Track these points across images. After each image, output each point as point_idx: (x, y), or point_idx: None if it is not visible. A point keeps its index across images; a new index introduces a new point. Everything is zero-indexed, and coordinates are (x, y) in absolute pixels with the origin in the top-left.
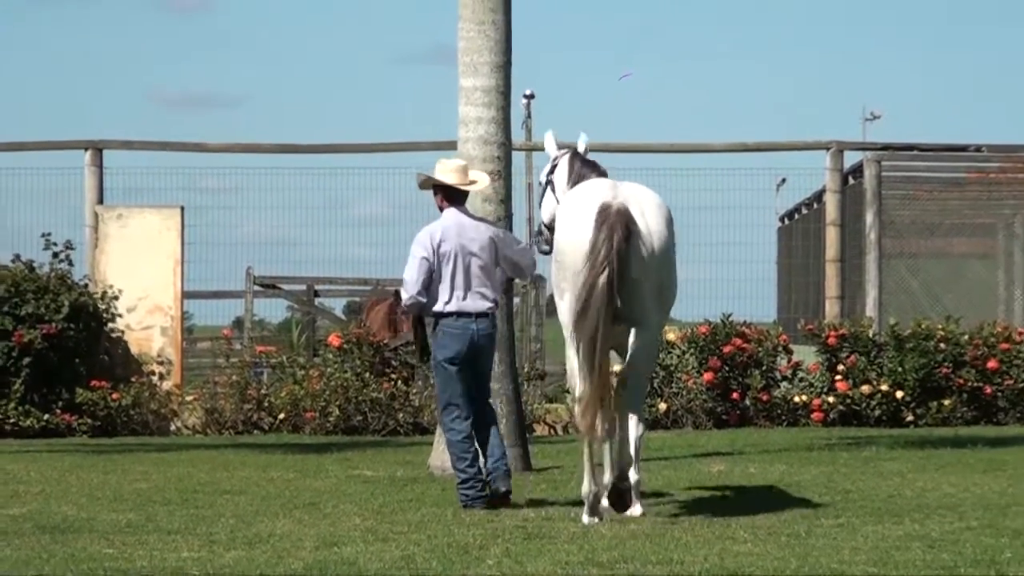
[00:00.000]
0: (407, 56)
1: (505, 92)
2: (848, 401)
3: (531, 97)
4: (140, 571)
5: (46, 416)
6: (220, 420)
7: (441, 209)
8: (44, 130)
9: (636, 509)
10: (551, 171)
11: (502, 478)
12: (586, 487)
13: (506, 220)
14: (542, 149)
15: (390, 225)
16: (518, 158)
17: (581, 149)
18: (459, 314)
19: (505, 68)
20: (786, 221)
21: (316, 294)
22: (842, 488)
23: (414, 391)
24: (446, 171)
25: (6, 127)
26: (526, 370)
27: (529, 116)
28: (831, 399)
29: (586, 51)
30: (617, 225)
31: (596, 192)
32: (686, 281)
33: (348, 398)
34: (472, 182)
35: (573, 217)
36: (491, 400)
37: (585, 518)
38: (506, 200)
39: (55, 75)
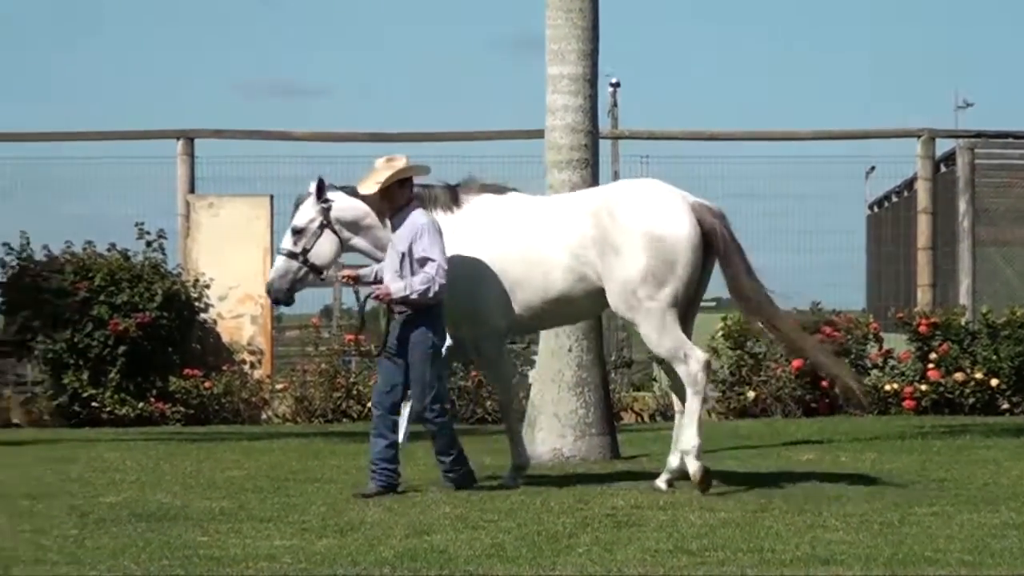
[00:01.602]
0: (495, 44)
1: (592, 80)
2: (941, 389)
3: (617, 85)
4: (234, 559)
5: (140, 404)
6: (310, 408)
7: (406, 205)
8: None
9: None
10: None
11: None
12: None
13: None
14: (629, 137)
15: None
16: (604, 146)
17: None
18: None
19: (592, 56)
20: (876, 209)
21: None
22: (936, 476)
23: None
24: (371, 181)
25: (99, 117)
26: (613, 358)
27: (615, 104)
28: (923, 387)
29: (672, 39)
30: (718, 219)
31: (668, 190)
32: (774, 269)
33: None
34: (391, 173)
35: (669, 211)
36: (573, 389)
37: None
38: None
39: (146, 65)
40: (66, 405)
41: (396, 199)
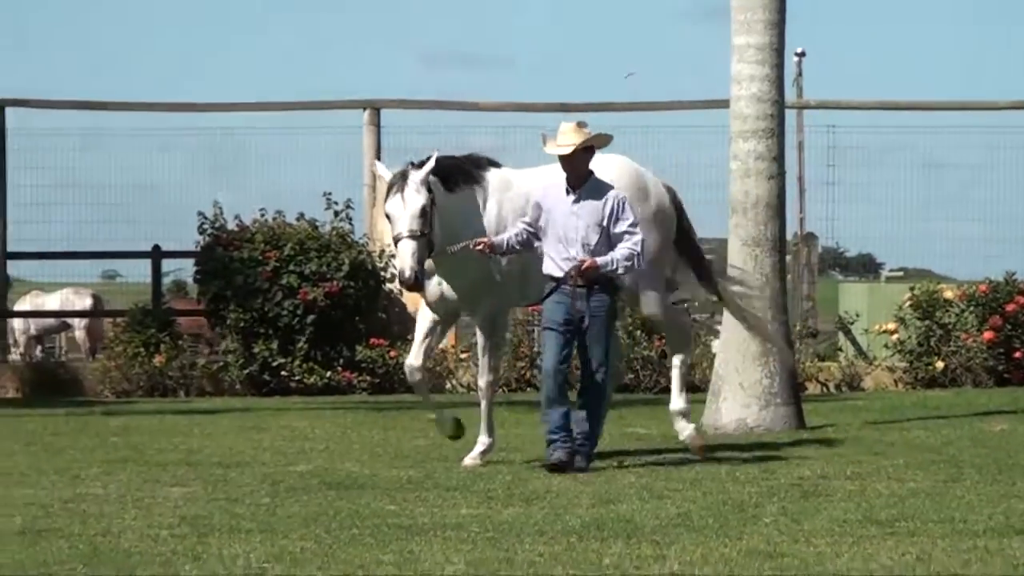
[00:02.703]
0: (677, 13)
1: (779, 49)
2: None
3: (802, 55)
4: (422, 527)
5: (328, 374)
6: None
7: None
8: (322, 90)
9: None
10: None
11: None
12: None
13: (779, 177)
14: (815, 107)
15: None
16: (789, 116)
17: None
18: None
19: (779, 25)
20: None
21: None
22: None
23: None
24: (559, 142)
25: (286, 87)
26: (798, 328)
27: (800, 74)
28: None
29: (858, 8)
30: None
31: (637, 167)
32: (962, 240)
33: (620, 356)
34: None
35: (657, 189)
36: (758, 359)
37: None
38: (779, 158)
39: (334, 36)
40: (256, 374)
41: (579, 166)
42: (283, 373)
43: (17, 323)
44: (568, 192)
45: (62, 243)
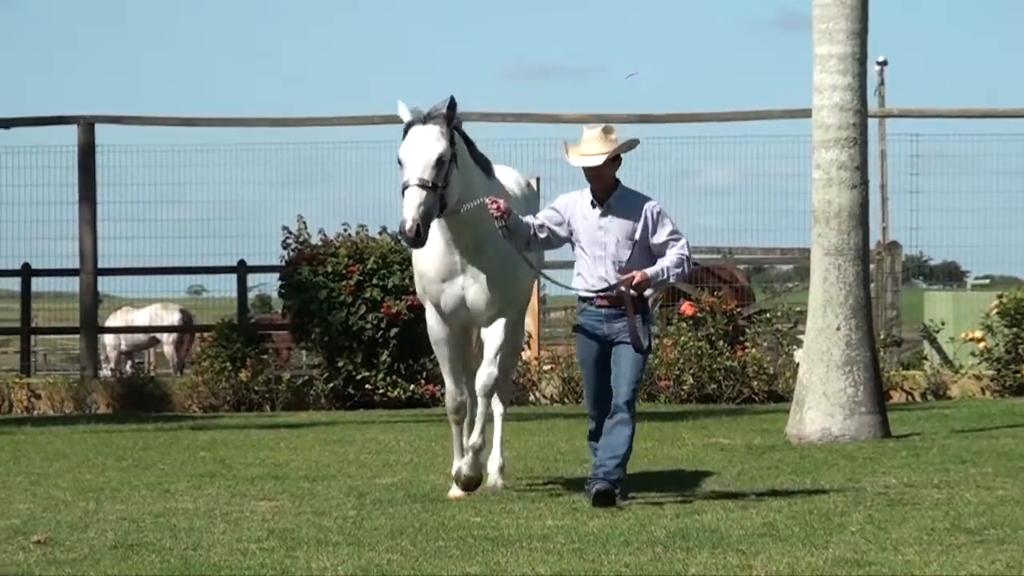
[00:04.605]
0: (756, 23)
1: (861, 59)
2: None
3: (884, 64)
4: (508, 538)
5: (411, 386)
6: (577, 390)
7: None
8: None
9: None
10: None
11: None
12: None
13: (862, 186)
14: (898, 115)
15: (739, 194)
16: (871, 125)
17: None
18: None
19: (861, 35)
20: None
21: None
22: None
23: (768, 359)
24: (588, 151)
25: (370, 101)
26: (882, 337)
27: (883, 83)
28: None
29: (940, 16)
30: None
31: None
32: None
33: (702, 366)
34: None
35: None
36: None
37: None
38: (862, 167)
39: (414, 49)
40: (340, 388)
41: (606, 177)
42: (367, 386)
43: (109, 339)
44: (594, 205)
45: (149, 259)
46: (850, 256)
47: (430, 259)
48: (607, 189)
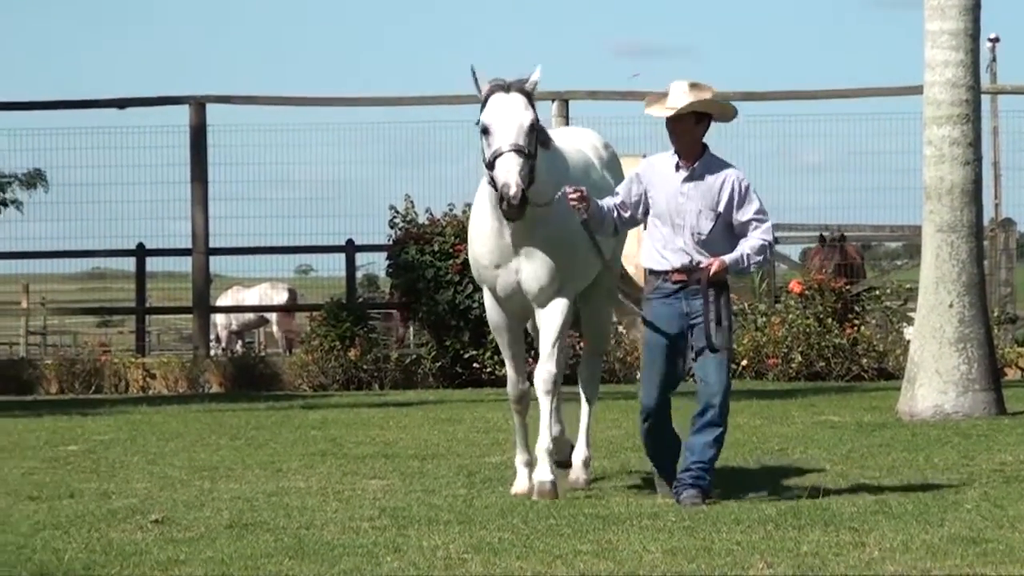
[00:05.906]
0: (870, 1)
1: (974, 35)
2: None
3: (996, 40)
4: (619, 517)
5: None
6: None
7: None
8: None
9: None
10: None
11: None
12: None
13: (975, 163)
14: (1011, 92)
15: (842, 172)
16: (984, 101)
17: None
18: None
19: (974, 11)
20: None
21: (775, 240)
22: None
23: (878, 336)
24: (667, 103)
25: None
26: (996, 314)
27: (995, 59)
28: None
29: None
30: None
31: None
32: None
33: (811, 344)
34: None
35: None
36: (954, 345)
37: None
38: (975, 143)
39: (525, 26)
40: (448, 366)
41: (691, 135)
42: (475, 365)
43: (219, 318)
44: (677, 168)
45: (258, 238)
46: (963, 233)
47: (483, 243)
48: (692, 150)
